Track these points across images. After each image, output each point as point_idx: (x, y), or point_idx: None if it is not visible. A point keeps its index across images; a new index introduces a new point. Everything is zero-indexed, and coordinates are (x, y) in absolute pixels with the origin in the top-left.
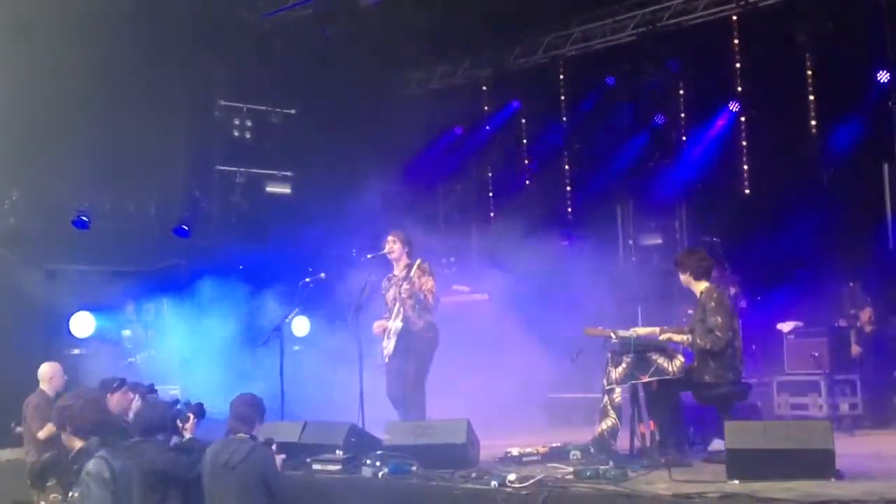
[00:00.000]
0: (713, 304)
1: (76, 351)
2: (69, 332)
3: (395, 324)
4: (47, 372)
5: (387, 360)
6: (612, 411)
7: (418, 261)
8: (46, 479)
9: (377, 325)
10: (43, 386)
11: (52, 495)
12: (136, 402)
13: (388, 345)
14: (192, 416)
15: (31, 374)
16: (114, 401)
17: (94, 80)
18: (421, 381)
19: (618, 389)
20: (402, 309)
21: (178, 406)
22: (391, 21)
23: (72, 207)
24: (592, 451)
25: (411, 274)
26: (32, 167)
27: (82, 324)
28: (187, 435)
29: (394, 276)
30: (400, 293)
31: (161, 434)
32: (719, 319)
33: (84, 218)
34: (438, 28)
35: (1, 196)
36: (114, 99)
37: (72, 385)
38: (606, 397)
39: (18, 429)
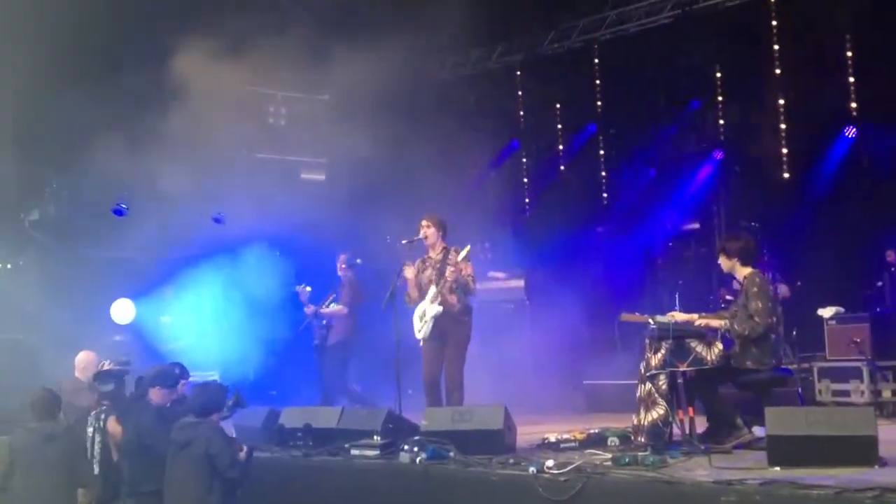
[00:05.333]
0: (755, 289)
1: (117, 338)
2: (110, 319)
3: (433, 307)
4: (82, 360)
5: (421, 343)
6: (660, 399)
7: (465, 248)
8: None
9: (408, 270)
10: (77, 373)
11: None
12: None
13: (424, 328)
14: None
15: (72, 361)
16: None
17: (128, 66)
18: (461, 366)
19: (662, 376)
20: (440, 292)
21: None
22: (425, 5)
23: (110, 195)
24: (643, 440)
25: (450, 257)
26: (71, 156)
27: (123, 311)
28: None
29: (429, 258)
30: (438, 275)
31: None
32: (760, 305)
33: (123, 206)
34: (472, 12)
35: (41, 185)
36: (150, 86)
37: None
38: (650, 385)
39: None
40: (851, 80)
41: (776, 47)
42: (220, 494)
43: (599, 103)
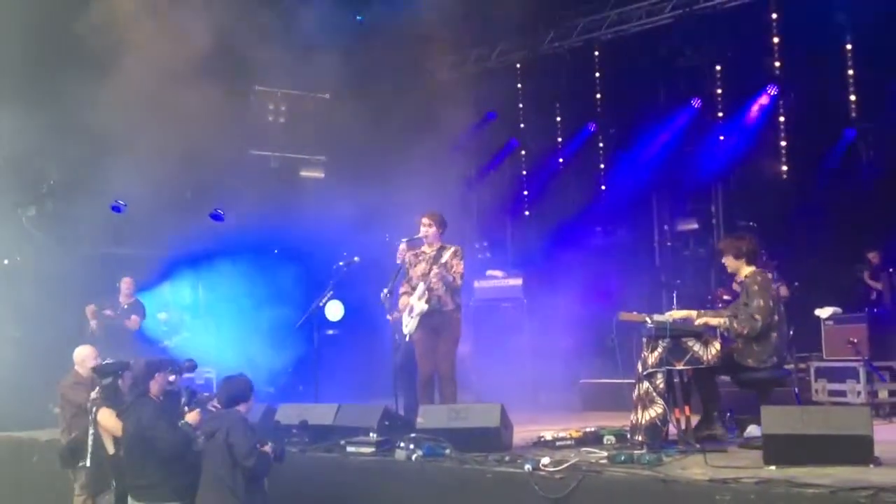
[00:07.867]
0: (756, 287)
1: None
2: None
3: (420, 304)
4: (82, 354)
5: (407, 338)
6: (657, 398)
7: (456, 247)
8: (77, 460)
9: (402, 304)
10: (77, 368)
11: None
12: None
13: (411, 324)
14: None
15: (68, 357)
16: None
17: (129, 64)
18: (453, 362)
19: (659, 375)
20: (429, 288)
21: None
22: (425, 4)
23: (108, 191)
24: (640, 438)
25: (445, 255)
26: (69, 151)
27: None
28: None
29: (423, 252)
30: (430, 271)
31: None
32: (761, 303)
33: (120, 202)
34: (473, 11)
35: (39, 180)
36: (149, 84)
37: None
38: (647, 383)
39: (56, 410)
40: (851, 80)
41: (776, 46)
42: (243, 481)
43: (599, 103)
